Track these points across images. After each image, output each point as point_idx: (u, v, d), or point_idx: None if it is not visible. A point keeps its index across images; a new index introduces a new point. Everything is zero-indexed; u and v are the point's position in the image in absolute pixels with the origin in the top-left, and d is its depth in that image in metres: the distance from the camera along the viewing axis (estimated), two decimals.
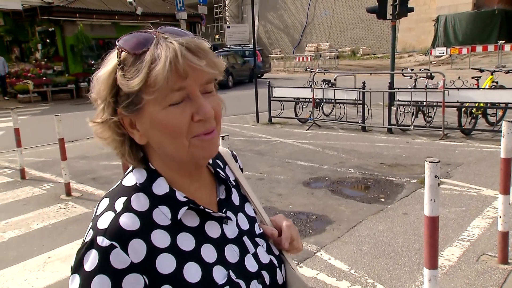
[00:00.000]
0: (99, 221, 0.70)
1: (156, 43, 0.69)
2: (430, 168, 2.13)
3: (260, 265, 0.81)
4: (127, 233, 0.68)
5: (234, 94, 16.34)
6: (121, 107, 0.71)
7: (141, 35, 0.72)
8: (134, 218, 0.70)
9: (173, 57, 0.67)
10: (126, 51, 0.70)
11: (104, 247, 0.66)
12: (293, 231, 0.89)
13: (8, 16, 18.55)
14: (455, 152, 6.37)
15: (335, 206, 4.49)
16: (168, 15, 20.52)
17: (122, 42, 0.71)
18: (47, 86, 15.92)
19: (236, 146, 7.36)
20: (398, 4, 8.82)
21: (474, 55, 20.59)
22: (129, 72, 0.69)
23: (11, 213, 4.68)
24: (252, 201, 0.91)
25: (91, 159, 6.85)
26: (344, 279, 3.06)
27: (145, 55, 0.68)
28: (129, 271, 0.67)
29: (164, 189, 0.75)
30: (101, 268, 0.66)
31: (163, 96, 0.69)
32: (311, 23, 33.06)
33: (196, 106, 0.71)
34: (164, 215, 0.73)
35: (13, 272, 3.38)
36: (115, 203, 0.72)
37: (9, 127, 8.03)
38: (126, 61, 0.70)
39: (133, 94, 0.69)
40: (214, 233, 0.77)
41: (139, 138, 0.74)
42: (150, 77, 0.67)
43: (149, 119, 0.71)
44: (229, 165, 0.93)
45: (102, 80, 0.72)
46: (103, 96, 0.72)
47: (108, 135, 0.75)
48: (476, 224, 3.86)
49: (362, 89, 8.29)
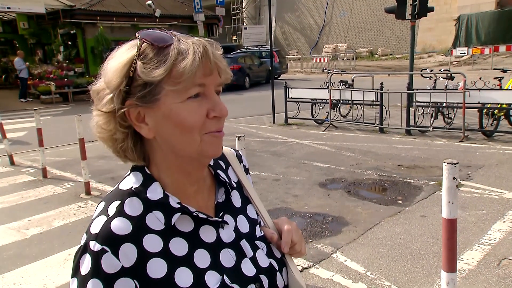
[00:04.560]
0: (92, 225, 0.71)
1: (178, 40, 0.71)
2: (448, 169, 2.10)
3: (259, 269, 0.80)
4: (118, 238, 0.69)
5: (250, 95, 16.38)
6: (135, 97, 0.71)
7: (161, 32, 0.73)
8: (126, 222, 0.71)
9: (203, 52, 0.70)
10: (150, 43, 0.71)
11: (95, 252, 0.67)
12: (294, 235, 0.86)
13: (32, 20, 19.11)
14: (476, 154, 6.23)
15: (352, 207, 4.45)
16: (186, 17, 20.75)
17: (144, 35, 0.72)
18: (68, 87, 16.29)
19: (252, 147, 7.38)
20: (417, 3, 8.68)
21: (497, 55, 20.08)
22: (151, 63, 0.69)
23: (34, 211, 4.81)
24: (254, 203, 0.90)
25: (110, 159, 6.98)
26: (360, 281, 3.04)
27: (170, 48, 0.70)
28: (120, 275, 0.67)
29: (158, 194, 0.74)
30: (94, 272, 0.67)
31: (185, 89, 0.70)
32: (329, 24, 32.84)
33: (212, 103, 0.73)
34: (157, 220, 0.73)
35: (35, 269, 3.48)
36: (109, 207, 0.73)
37: (32, 127, 8.26)
38: (146, 53, 0.71)
39: (152, 84, 0.69)
40: (209, 237, 0.77)
41: (147, 132, 0.73)
42: (177, 68, 0.68)
43: (164, 111, 0.71)
44: (233, 166, 0.92)
45: (115, 69, 0.71)
46: (115, 86, 0.71)
47: (112, 126, 0.74)
48: (497, 228, 3.77)
49: (380, 90, 8.19)
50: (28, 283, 3.24)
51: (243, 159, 0.98)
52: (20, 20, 19.06)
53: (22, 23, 19.11)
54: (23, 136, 9.48)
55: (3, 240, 4.04)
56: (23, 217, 4.61)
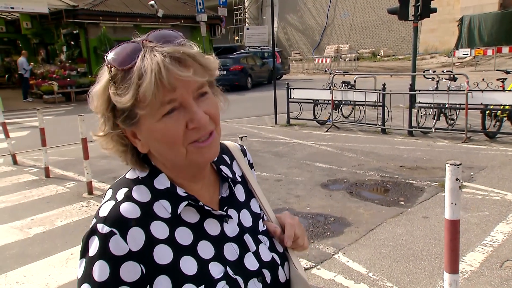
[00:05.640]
0: (100, 210, 0.72)
1: (143, 56, 0.69)
2: (451, 170, 2.10)
3: (261, 263, 0.81)
4: (127, 220, 0.70)
5: (252, 95, 16.38)
6: (119, 121, 0.73)
7: (128, 46, 0.71)
8: (135, 206, 0.72)
9: (157, 71, 0.67)
10: (115, 67, 0.71)
11: (104, 234, 0.69)
12: (297, 229, 0.87)
13: (35, 19, 19.18)
14: (478, 156, 6.22)
15: (354, 208, 4.45)
16: (188, 17, 20.78)
17: (110, 57, 0.71)
18: (71, 87, 16.35)
19: (254, 147, 7.38)
20: (420, 4, 8.67)
21: (500, 56, 20.03)
22: (121, 88, 0.70)
23: (36, 210, 4.82)
24: (258, 197, 0.91)
25: (112, 158, 6.96)
26: (362, 282, 3.03)
27: (133, 70, 0.69)
28: (127, 258, 0.68)
29: (165, 184, 0.76)
30: (101, 254, 0.68)
31: (155, 109, 0.69)
32: (331, 25, 32.82)
33: (190, 115, 0.71)
34: (164, 209, 0.74)
35: (38, 267, 3.49)
36: (117, 193, 0.75)
37: (34, 127, 8.29)
38: (117, 77, 0.71)
39: (127, 109, 0.71)
40: (213, 230, 0.78)
41: (141, 147, 0.76)
42: (139, 93, 0.68)
43: (146, 131, 0.72)
44: (237, 160, 0.93)
45: (98, 96, 0.73)
46: (101, 111, 0.74)
47: (111, 146, 0.77)
48: (500, 229, 3.76)
49: (382, 91, 8.18)
50: (31, 282, 3.25)
51: (248, 154, 0.98)
52: (23, 20, 19.15)
53: (25, 23, 19.20)
54: (26, 136, 9.51)
55: (6, 239, 4.05)
56: (25, 216, 4.62)
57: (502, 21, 22.29)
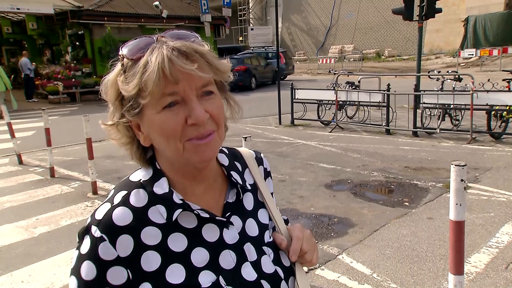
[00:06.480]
0: (97, 211, 0.74)
1: (153, 48, 0.70)
2: (456, 171, 2.09)
3: (261, 275, 0.78)
4: (117, 228, 0.71)
5: (257, 95, 16.39)
6: (124, 110, 0.74)
7: (142, 40, 0.73)
8: (128, 213, 0.73)
9: (161, 62, 0.68)
10: (126, 58, 0.72)
11: (95, 237, 0.70)
12: (305, 244, 0.82)
13: (41, 20, 19.29)
14: (483, 156, 6.18)
15: (358, 209, 4.43)
16: (193, 17, 20.80)
17: (124, 47, 0.74)
18: (75, 87, 16.43)
19: (258, 147, 7.38)
20: (425, 5, 8.63)
21: (506, 56, 19.89)
22: (128, 77, 0.71)
23: (41, 210, 4.85)
24: (269, 207, 0.88)
25: (117, 158, 7.02)
26: (366, 283, 3.02)
27: (140, 60, 0.70)
28: (115, 263, 0.70)
29: (164, 189, 0.76)
30: (90, 256, 0.70)
31: (156, 100, 0.70)
32: (335, 25, 32.76)
33: (189, 109, 0.71)
34: (160, 214, 0.74)
35: (43, 267, 3.51)
36: (116, 195, 0.76)
37: (40, 127, 8.34)
38: (127, 66, 0.72)
39: (132, 98, 0.72)
40: (211, 236, 0.76)
41: (144, 140, 0.76)
42: (142, 81, 0.69)
43: (147, 122, 0.73)
44: (250, 168, 0.90)
45: (109, 85, 0.75)
46: (111, 100, 0.75)
47: (118, 136, 0.78)
48: (506, 231, 3.73)
49: (386, 91, 8.16)
50: (36, 281, 3.27)
51: (264, 162, 0.95)
52: (29, 21, 19.25)
53: (31, 23, 19.30)
54: (31, 136, 9.57)
55: (12, 239, 4.08)
56: (31, 216, 4.65)
57: (508, 21, 22.14)
